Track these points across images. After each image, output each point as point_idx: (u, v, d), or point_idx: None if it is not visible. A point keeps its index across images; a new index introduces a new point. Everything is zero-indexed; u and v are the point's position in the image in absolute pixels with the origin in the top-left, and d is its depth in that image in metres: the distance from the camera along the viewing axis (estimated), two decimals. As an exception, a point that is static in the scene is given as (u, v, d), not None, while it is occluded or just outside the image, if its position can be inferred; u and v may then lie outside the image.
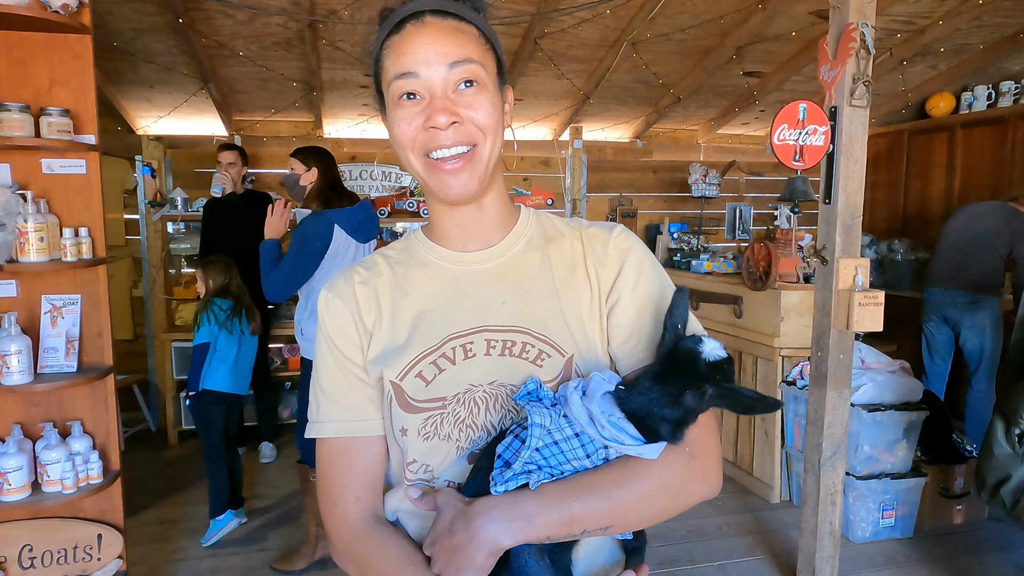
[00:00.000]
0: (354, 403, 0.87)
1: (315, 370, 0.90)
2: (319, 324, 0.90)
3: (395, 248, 0.94)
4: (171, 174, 4.75)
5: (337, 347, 0.88)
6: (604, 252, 0.89)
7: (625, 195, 5.56)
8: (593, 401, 0.74)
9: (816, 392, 2.57)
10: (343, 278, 0.90)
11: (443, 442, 0.83)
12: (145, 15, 3.51)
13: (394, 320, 0.87)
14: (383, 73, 0.83)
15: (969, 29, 4.26)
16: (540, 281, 0.88)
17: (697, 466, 0.79)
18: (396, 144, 0.83)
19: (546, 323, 0.85)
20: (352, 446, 0.87)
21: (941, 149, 5.16)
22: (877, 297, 2.40)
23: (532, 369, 0.84)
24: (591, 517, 0.73)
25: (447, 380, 0.83)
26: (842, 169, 2.43)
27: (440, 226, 0.90)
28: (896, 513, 3.15)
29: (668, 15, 3.83)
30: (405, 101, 0.80)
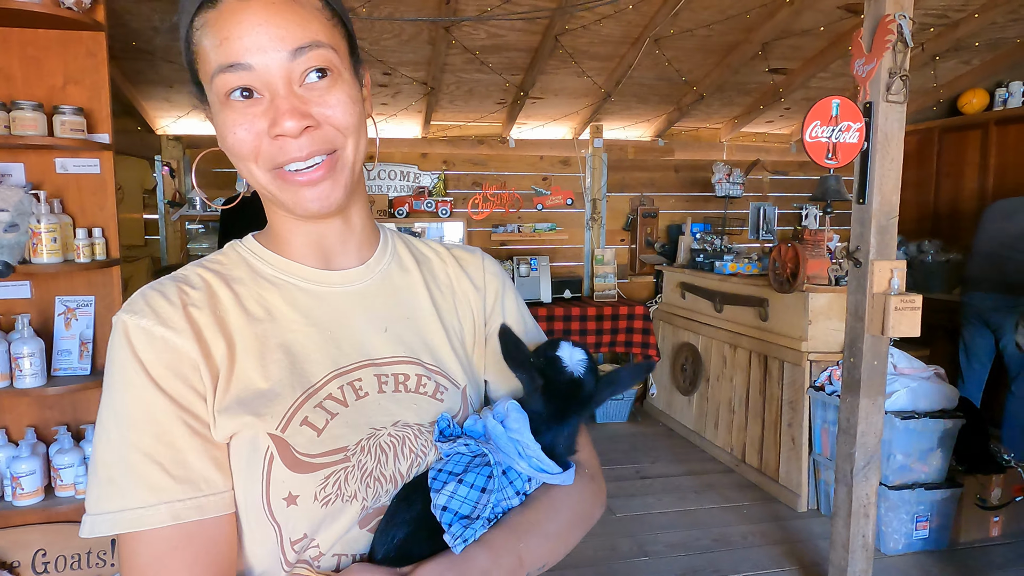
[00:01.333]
0: (198, 471, 0.62)
1: (116, 427, 0.62)
2: (125, 360, 0.63)
3: (221, 261, 0.73)
4: (191, 173, 4.75)
5: (167, 394, 0.63)
6: (481, 276, 0.84)
7: (646, 195, 5.47)
8: (523, 432, 0.69)
9: (849, 400, 2.47)
10: (163, 299, 0.66)
11: (346, 504, 0.66)
12: (164, 14, 3.49)
13: (248, 355, 0.67)
14: (200, 60, 0.65)
15: (1005, 23, 4.12)
16: (419, 305, 0.78)
17: (596, 488, 0.79)
18: (231, 153, 0.66)
19: (436, 352, 0.76)
20: (195, 533, 0.62)
21: (974, 147, 5.01)
22: (914, 301, 2.30)
23: (435, 404, 0.73)
24: (534, 557, 0.68)
25: (344, 425, 0.67)
26: (877, 168, 2.33)
27: (291, 241, 0.73)
28: (930, 525, 3.04)
29: (692, 10, 3.73)
30: (238, 101, 0.63)
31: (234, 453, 0.65)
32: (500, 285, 0.85)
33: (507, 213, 5.15)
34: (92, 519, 0.61)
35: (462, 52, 3.98)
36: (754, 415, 3.87)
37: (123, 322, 0.64)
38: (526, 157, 5.27)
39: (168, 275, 0.70)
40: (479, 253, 0.87)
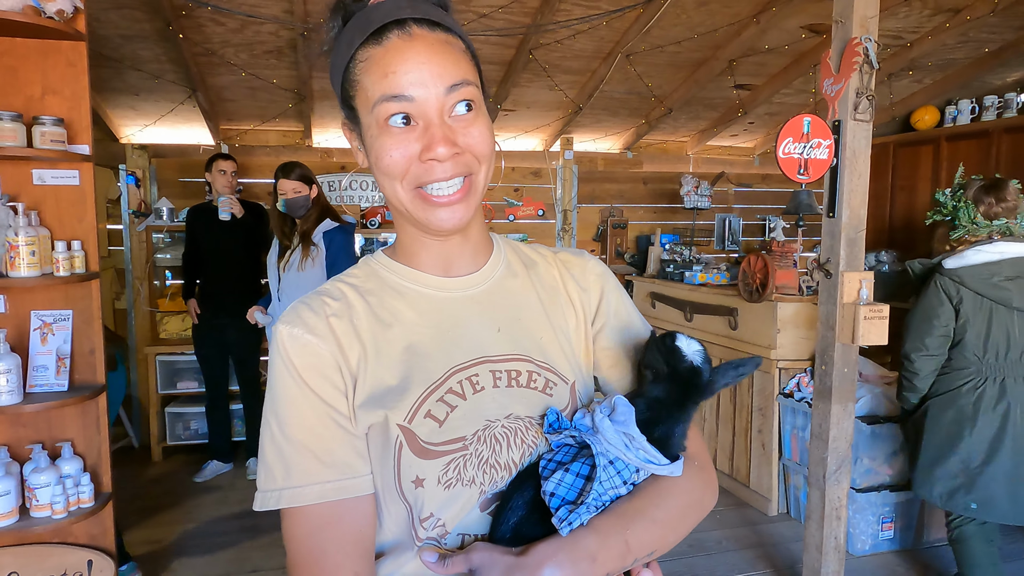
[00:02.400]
0: (341, 458, 0.73)
1: (276, 422, 0.73)
2: (281, 365, 0.74)
3: (356, 276, 0.82)
4: (156, 184, 4.65)
5: (315, 392, 0.73)
6: (584, 277, 0.89)
7: (616, 206, 5.57)
8: (629, 425, 0.73)
9: (821, 406, 2.56)
10: (309, 310, 0.76)
11: (466, 488, 0.73)
12: (134, 22, 3.43)
13: (380, 356, 0.75)
14: (359, 89, 0.73)
15: (955, 44, 4.33)
16: (529, 307, 0.84)
17: (707, 477, 0.82)
18: (382, 172, 0.74)
19: (545, 350, 0.82)
20: (342, 511, 0.72)
21: (926, 162, 5.24)
22: (882, 311, 2.41)
23: (544, 399, 0.79)
24: (642, 544, 0.72)
25: (461, 417, 0.75)
26: (846, 183, 2.44)
27: (418, 254, 0.81)
28: (895, 526, 3.16)
29: (663, 27, 3.84)
30: (396, 128, 0.71)
31: (371, 442, 0.75)
32: (603, 285, 0.89)
33: (479, 224, 5.17)
34: (261, 495, 0.73)
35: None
36: (725, 422, 3.96)
37: (279, 331, 0.75)
38: (498, 168, 5.28)
39: (317, 289, 0.81)
40: (584, 255, 0.92)
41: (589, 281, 0.88)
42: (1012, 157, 4.63)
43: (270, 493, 0.73)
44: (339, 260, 3.02)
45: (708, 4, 3.65)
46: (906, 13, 3.90)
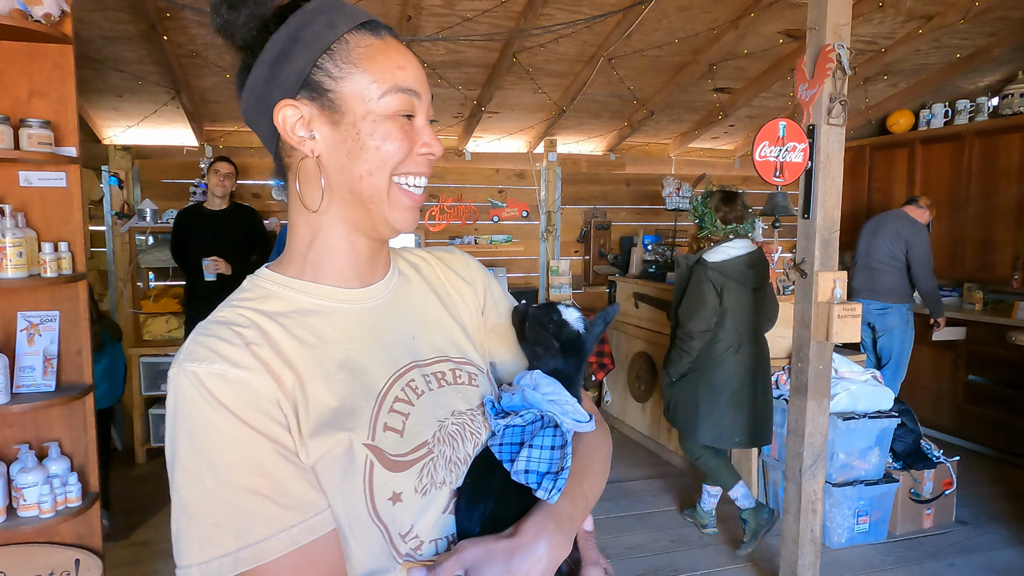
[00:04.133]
0: (300, 496, 0.65)
1: (210, 474, 0.63)
2: (208, 408, 0.64)
3: (253, 300, 0.74)
4: (139, 185, 4.64)
5: (257, 430, 0.65)
6: (466, 271, 0.92)
7: (599, 207, 5.63)
8: (560, 394, 0.81)
9: (797, 402, 2.63)
10: (223, 343, 0.67)
11: (439, 490, 0.73)
12: (117, 23, 3.43)
13: (315, 380, 0.70)
14: (350, 72, 0.70)
15: (928, 50, 4.44)
16: (430, 308, 0.85)
17: (606, 426, 0.91)
18: (371, 158, 0.71)
19: (458, 346, 0.85)
20: (315, 555, 0.65)
21: (902, 164, 5.36)
22: (855, 309, 2.48)
23: (473, 390, 0.82)
24: (593, 495, 0.79)
25: (417, 423, 0.74)
26: (820, 185, 2.51)
27: (334, 260, 0.76)
28: (870, 519, 3.24)
29: (644, 32, 3.90)
30: (403, 119, 0.72)
31: (325, 471, 0.68)
32: (484, 276, 0.94)
33: (463, 225, 5.22)
34: (203, 567, 0.61)
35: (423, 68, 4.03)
36: (706, 419, 4.03)
37: (192, 372, 0.65)
38: (482, 170, 5.35)
39: (208, 320, 0.71)
40: (456, 251, 0.95)
41: (472, 275, 0.92)
42: (983, 159, 4.76)
43: (221, 561, 0.61)
44: None
45: (688, 9, 3.72)
46: (880, 19, 3.99)
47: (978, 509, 3.64)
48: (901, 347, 4.33)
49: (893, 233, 4.27)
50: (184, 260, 4.10)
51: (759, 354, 3.15)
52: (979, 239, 4.79)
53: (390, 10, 3.52)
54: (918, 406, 4.84)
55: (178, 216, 4.08)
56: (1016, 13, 4.09)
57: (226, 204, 4.05)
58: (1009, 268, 4.56)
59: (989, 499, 3.78)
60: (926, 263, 4.20)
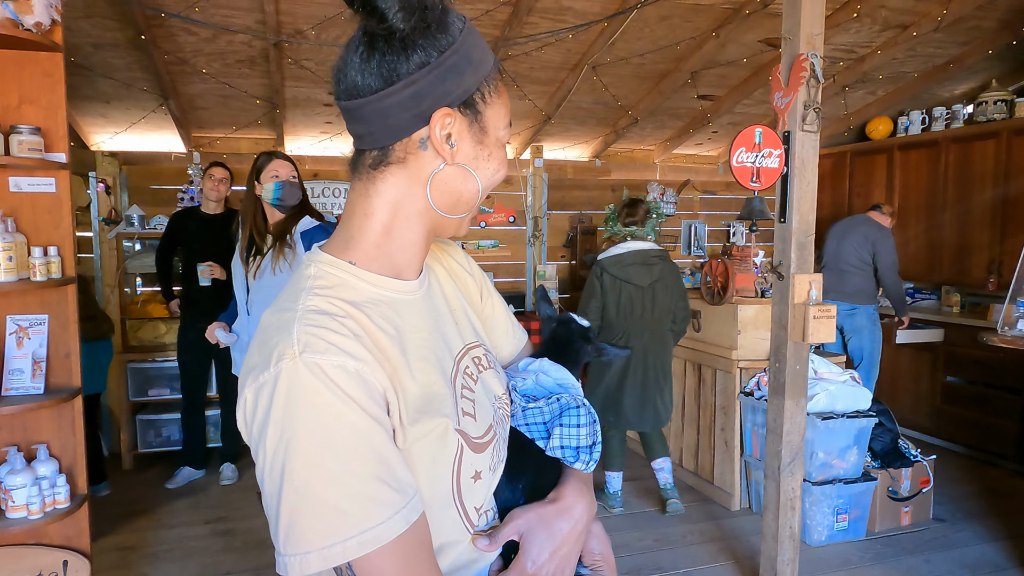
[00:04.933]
0: (403, 478, 0.69)
1: (334, 464, 0.65)
2: (332, 398, 0.66)
3: (333, 288, 0.75)
4: (127, 191, 4.66)
5: (378, 420, 0.68)
6: (467, 262, 0.99)
7: (585, 213, 5.70)
8: (568, 377, 0.93)
9: (775, 402, 2.70)
10: (335, 334, 0.69)
11: (499, 466, 0.82)
12: (105, 30, 3.46)
13: (403, 368, 0.74)
14: (493, 102, 0.78)
15: (905, 58, 4.55)
16: (454, 298, 0.91)
17: None
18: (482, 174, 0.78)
19: (478, 331, 0.92)
20: (418, 530, 0.69)
21: (881, 169, 5.47)
22: (830, 310, 2.55)
23: (499, 375, 0.91)
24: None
25: (481, 408, 0.81)
26: (795, 190, 2.58)
27: (391, 254, 0.79)
28: (849, 516, 3.30)
29: (627, 40, 3.98)
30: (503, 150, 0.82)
31: (418, 455, 0.72)
32: (480, 269, 1.02)
33: (451, 230, 5.25)
34: (325, 551, 0.64)
35: (408, 74, 4.08)
36: (690, 421, 4.10)
37: (315, 364, 0.66)
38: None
39: (305, 310, 0.71)
40: (455, 243, 1.01)
41: (471, 265, 0.99)
42: (959, 165, 4.87)
43: (345, 544, 0.64)
44: None
45: (670, 18, 3.80)
46: (857, 29, 4.09)
47: (954, 506, 3.72)
48: (871, 347, 4.45)
49: (861, 237, 4.42)
50: (167, 264, 4.13)
51: (646, 346, 3.42)
52: (956, 243, 4.89)
53: (377, 18, 3.57)
54: (898, 406, 4.93)
55: (173, 217, 4.11)
56: (988, 23, 4.20)
57: (221, 209, 4.08)
58: (985, 271, 4.67)
59: (965, 497, 3.86)
60: (892, 266, 4.37)
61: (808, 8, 2.51)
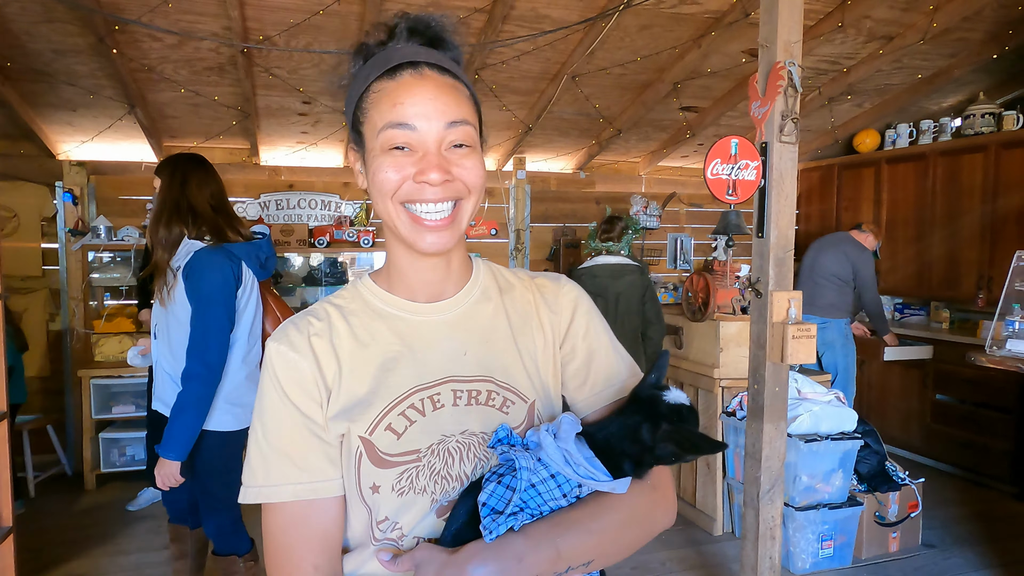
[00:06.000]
0: (313, 463, 0.82)
1: (261, 428, 0.83)
2: (268, 377, 0.83)
3: (344, 297, 0.90)
4: (95, 201, 4.53)
5: (293, 403, 0.82)
6: (556, 301, 0.94)
7: (568, 225, 5.59)
8: (568, 442, 0.78)
9: (754, 425, 2.57)
10: (295, 329, 0.85)
11: (418, 496, 0.81)
12: (66, 36, 3.35)
13: (354, 373, 0.84)
14: (367, 117, 0.82)
15: (891, 71, 4.47)
16: (498, 330, 0.90)
17: (659, 496, 0.84)
18: (376, 189, 0.82)
19: (508, 371, 0.88)
20: (310, 510, 0.81)
21: (868, 183, 5.38)
22: (810, 330, 2.43)
23: (500, 416, 0.85)
24: (575, 552, 0.76)
25: (419, 432, 0.82)
26: (773, 203, 2.47)
27: (402, 275, 0.88)
28: (834, 543, 3.17)
29: (607, 50, 3.88)
30: (396, 151, 0.79)
31: (340, 449, 0.83)
32: (574, 309, 0.95)
33: (431, 243, 5.14)
34: (244, 489, 0.83)
35: (383, 83, 3.98)
36: (672, 441, 3.96)
37: (269, 348, 0.85)
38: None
39: (310, 307, 0.89)
40: (561, 280, 0.97)
41: (561, 305, 0.94)
42: (947, 179, 4.78)
43: (251, 489, 0.82)
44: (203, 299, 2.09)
45: (650, 28, 3.71)
46: (842, 40, 4.01)
47: (944, 531, 3.59)
48: (845, 362, 4.39)
49: (841, 254, 4.41)
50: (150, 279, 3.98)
51: None
52: (945, 258, 4.80)
53: (348, 26, 3.47)
54: (886, 425, 4.82)
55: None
56: (975, 35, 4.13)
57: None
58: (974, 287, 4.57)
59: (955, 520, 3.74)
60: (872, 285, 4.37)
61: (785, 15, 2.41)
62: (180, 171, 2.26)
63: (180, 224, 2.19)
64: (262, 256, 2.31)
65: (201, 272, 2.09)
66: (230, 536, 2.33)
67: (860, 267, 4.35)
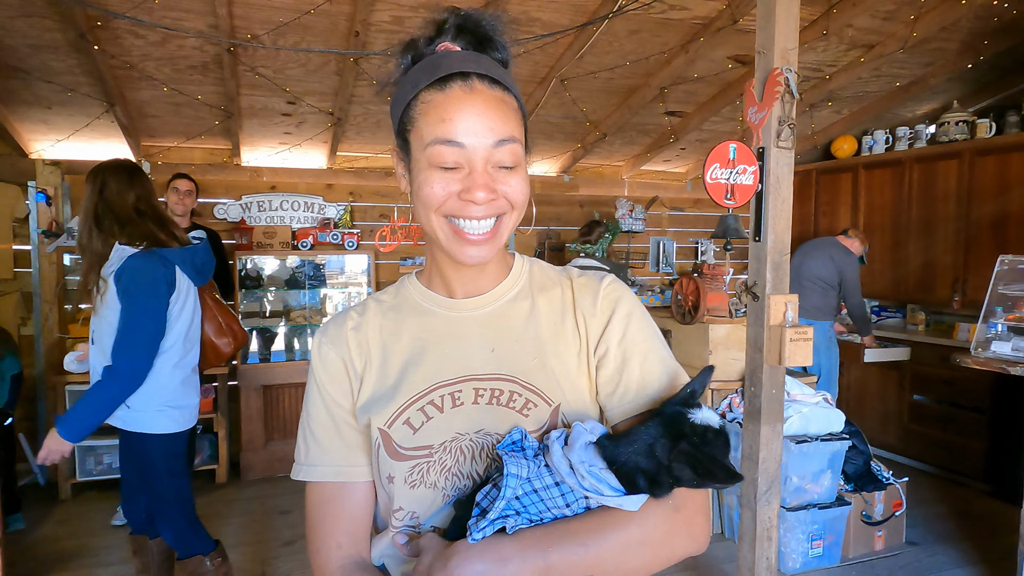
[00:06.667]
0: (341, 449, 0.89)
1: (305, 413, 0.92)
2: (311, 367, 0.91)
3: (388, 293, 0.96)
4: (69, 202, 4.39)
5: (328, 393, 0.89)
6: (593, 303, 0.90)
7: (553, 228, 5.59)
8: (573, 451, 0.74)
9: (750, 427, 2.59)
10: (335, 324, 0.92)
11: (429, 490, 0.84)
12: (44, 31, 3.24)
13: (383, 367, 0.89)
14: (415, 127, 0.82)
15: (869, 78, 4.57)
16: (528, 330, 0.89)
17: (681, 520, 0.78)
18: (419, 201, 0.82)
19: (532, 373, 0.86)
20: (337, 493, 0.88)
21: (846, 188, 5.49)
22: (807, 332, 2.46)
23: (518, 419, 0.84)
24: (566, 565, 0.72)
25: (434, 428, 0.84)
26: (770, 208, 2.50)
27: (443, 276, 0.91)
28: (824, 542, 3.22)
29: (596, 54, 3.90)
30: (443, 168, 0.80)
31: (367, 439, 0.89)
32: (612, 313, 0.90)
33: (415, 245, 5.10)
34: (294, 467, 0.92)
35: (370, 84, 3.94)
36: (660, 443, 3.98)
37: (314, 339, 0.93)
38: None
39: (357, 303, 0.96)
40: (603, 280, 0.93)
41: (599, 307, 0.90)
42: (923, 184, 4.90)
43: (296, 467, 0.91)
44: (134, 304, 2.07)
45: (639, 33, 3.73)
46: (824, 47, 4.09)
47: (926, 529, 3.67)
48: (828, 364, 4.47)
49: (827, 257, 4.50)
50: None
51: None
52: (921, 261, 4.91)
53: (338, 25, 3.42)
54: (866, 426, 4.91)
55: None
56: (951, 45, 4.24)
57: (187, 223, 3.89)
58: (950, 290, 4.68)
59: (937, 518, 3.82)
60: (857, 289, 4.48)
61: (782, 22, 2.44)
62: (100, 179, 2.23)
63: (104, 233, 2.16)
64: (198, 262, 2.31)
65: (131, 277, 2.09)
66: (190, 539, 2.34)
67: (846, 271, 4.44)
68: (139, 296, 2.09)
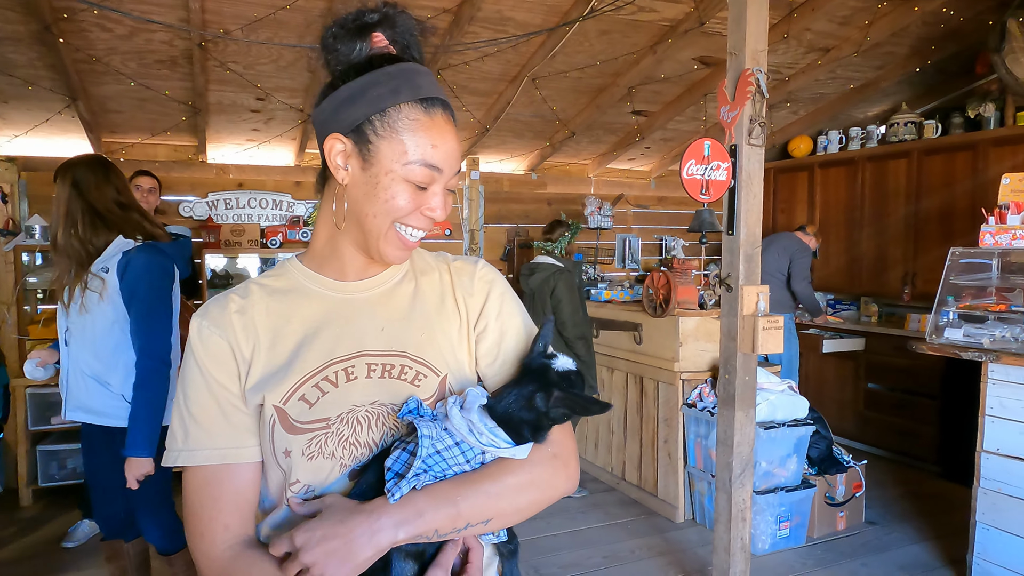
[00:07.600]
0: (227, 431, 0.88)
1: (183, 396, 0.90)
2: (190, 350, 0.90)
3: (271, 276, 0.97)
4: (26, 199, 4.25)
5: (212, 375, 0.88)
6: (471, 283, 1.00)
7: (521, 226, 5.65)
8: (472, 412, 0.85)
9: (725, 413, 2.70)
10: (217, 307, 0.92)
11: (327, 460, 0.87)
12: (5, 23, 3.14)
13: (273, 348, 0.90)
14: (396, 138, 0.85)
15: (825, 80, 4.77)
16: (415, 309, 0.96)
17: (560, 464, 0.91)
18: (379, 206, 0.87)
19: (422, 347, 0.93)
20: (223, 474, 0.88)
21: (803, 186, 5.71)
22: (778, 322, 2.58)
23: (411, 389, 0.91)
24: (473, 510, 0.83)
25: (330, 402, 0.88)
26: (743, 203, 2.61)
27: (341, 261, 0.94)
28: (791, 524, 3.36)
29: (567, 54, 3.97)
30: (415, 185, 0.86)
31: (256, 418, 0.90)
32: (488, 291, 1.00)
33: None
34: (167, 453, 0.90)
35: (343, 81, 3.93)
36: (632, 434, 4.09)
37: (193, 323, 0.91)
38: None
39: (237, 286, 0.95)
40: (476, 263, 1.03)
41: (475, 287, 1.00)
42: (874, 183, 5.14)
43: (172, 452, 0.89)
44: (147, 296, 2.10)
45: (609, 33, 3.82)
46: (784, 50, 4.25)
47: (884, 509, 3.86)
48: (789, 354, 4.64)
49: (782, 249, 4.71)
50: None
51: None
52: (873, 256, 5.15)
53: (312, 22, 3.41)
54: (824, 414, 5.10)
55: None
56: (901, 49, 4.46)
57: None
58: (900, 283, 4.92)
59: (893, 500, 4.02)
60: (801, 275, 4.67)
61: (753, 24, 2.55)
62: (73, 175, 2.16)
63: (84, 230, 2.12)
64: (186, 255, 2.38)
65: (144, 270, 2.11)
66: (177, 531, 2.31)
67: (796, 258, 4.66)
68: (153, 289, 2.12)
